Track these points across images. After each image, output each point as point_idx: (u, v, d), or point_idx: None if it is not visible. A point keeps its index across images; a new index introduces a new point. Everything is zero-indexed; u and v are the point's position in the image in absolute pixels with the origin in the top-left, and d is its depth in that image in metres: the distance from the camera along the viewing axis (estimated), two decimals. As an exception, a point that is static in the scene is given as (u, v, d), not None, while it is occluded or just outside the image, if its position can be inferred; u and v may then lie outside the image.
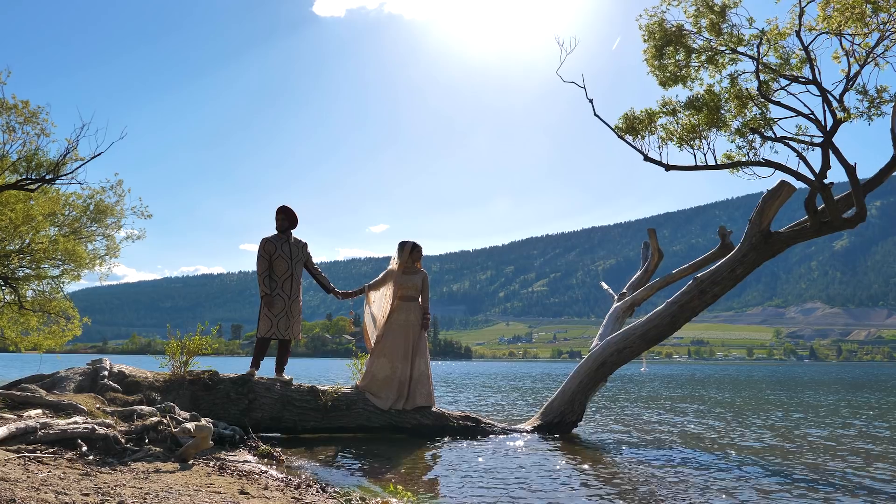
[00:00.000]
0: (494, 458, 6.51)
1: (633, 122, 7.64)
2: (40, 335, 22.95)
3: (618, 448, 7.53)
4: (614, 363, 8.50)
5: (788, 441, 8.52)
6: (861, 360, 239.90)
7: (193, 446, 4.77)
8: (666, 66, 8.19)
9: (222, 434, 6.24)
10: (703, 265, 9.56)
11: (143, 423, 5.52)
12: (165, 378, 7.16)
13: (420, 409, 7.84)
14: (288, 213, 7.96)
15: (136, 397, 6.53)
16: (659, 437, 8.60)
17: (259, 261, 7.73)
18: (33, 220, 20.21)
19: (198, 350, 7.24)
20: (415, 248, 8.21)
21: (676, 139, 7.61)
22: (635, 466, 6.31)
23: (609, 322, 9.70)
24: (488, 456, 6.61)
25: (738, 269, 8.04)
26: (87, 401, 5.74)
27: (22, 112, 19.70)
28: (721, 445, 7.97)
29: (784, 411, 13.48)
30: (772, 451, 7.53)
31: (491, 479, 5.47)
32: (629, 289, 10.20)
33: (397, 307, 8.13)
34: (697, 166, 7.42)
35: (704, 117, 7.43)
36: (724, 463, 6.63)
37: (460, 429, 7.89)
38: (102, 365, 6.81)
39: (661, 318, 8.33)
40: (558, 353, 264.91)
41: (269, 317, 7.67)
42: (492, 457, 6.56)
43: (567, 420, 8.47)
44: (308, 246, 8.06)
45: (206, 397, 7.17)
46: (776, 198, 7.87)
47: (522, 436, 8.05)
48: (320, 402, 7.52)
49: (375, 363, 8.01)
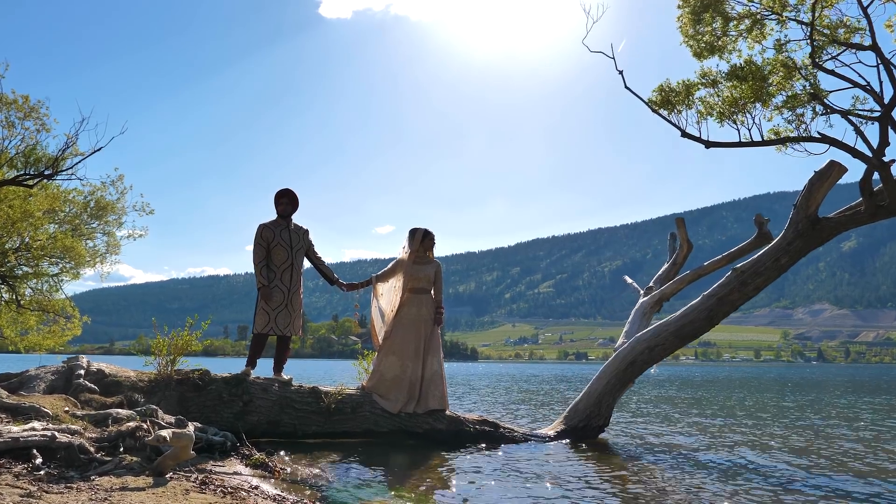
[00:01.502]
0: (519, 467, 5.77)
1: (668, 95, 6.90)
2: (40, 335, 22.35)
3: (652, 455, 6.78)
4: (644, 362, 7.75)
5: (838, 450, 7.76)
6: (869, 362, 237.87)
7: (171, 457, 4.05)
8: (701, 36, 7.46)
9: (212, 441, 5.52)
10: (738, 256, 8.79)
11: (119, 428, 4.81)
12: (150, 378, 6.44)
13: (433, 412, 7.10)
14: (291, 197, 7.21)
15: (115, 399, 5.82)
16: (692, 443, 7.85)
17: (256, 249, 7.00)
18: (31, 217, 19.61)
19: (186, 347, 6.52)
20: (426, 236, 7.48)
21: (716, 114, 6.85)
22: (677, 477, 5.55)
23: (635, 318, 8.95)
24: (511, 465, 5.87)
25: (783, 258, 7.29)
26: (55, 403, 5.02)
27: (22, 107, 19.05)
28: (760, 450, 7.21)
29: (821, 416, 12.69)
30: (821, 459, 6.77)
31: (517, 493, 4.73)
32: (656, 282, 9.46)
33: (407, 300, 7.40)
34: (741, 143, 6.67)
35: (749, 88, 6.67)
36: (772, 473, 5.87)
37: (477, 434, 7.15)
38: (78, 363, 6.09)
39: (696, 312, 7.58)
40: (564, 354, 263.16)
41: (267, 311, 6.94)
42: (515, 466, 5.82)
43: (593, 424, 7.72)
44: (310, 233, 7.34)
45: (196, 399, 6.45)
46: (825, 179, 7.12)
47: (545, 442, 7.31)
48: (323, 404, 6.80)
49: (383, 362, 7.28)
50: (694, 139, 6.81)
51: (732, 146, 6.71)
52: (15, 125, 19.09)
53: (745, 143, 6.67)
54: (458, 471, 5.63)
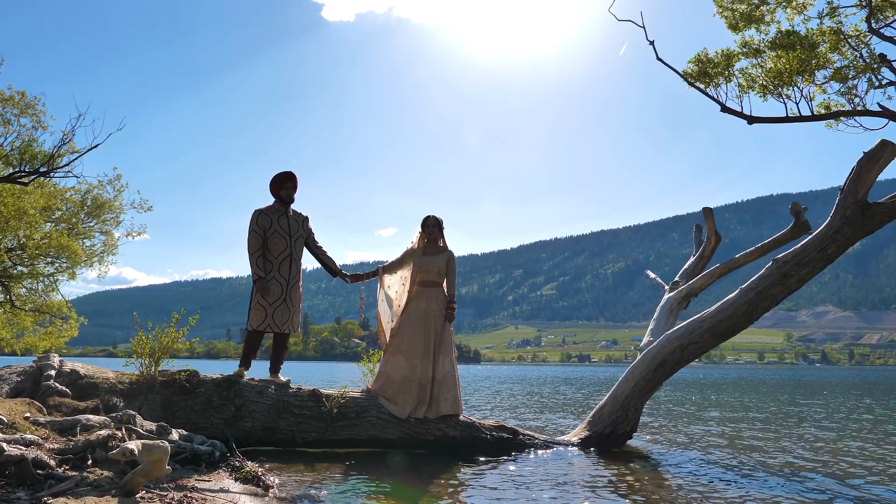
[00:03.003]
0: (543, 479, 5.11)
1: (706, 66, 6.23)
2: (36, 336, 21.73)
3: (691, 465, 6.10)
4: (676, 362, 7.08)
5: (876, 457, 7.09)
6: (874, 364, 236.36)
7: (142, 473, 3.39)
8: (737, 6, 6.81)
9: (197, 451, 4.87)
10: (773, 248, 8.12)
11: (88, 437, 4.15)
12: (132, 379, 5.78)
13: (445, 417, 6.42)
14: (295, 182, 6.54)
15: (90, 403, 5.17)
16: (728, 451, 7.17)
17: (251, 237, 6.31)
18: (26, 215, 18.99)
19: (172, 344, 5.86)
20: (437, 223, 6.82)
21: (759, 87, 6.19)
22: (722, 491, 4.89)
23: (661, 315, 8.28)
24: (535, 477, 5.20)
25: (830, 247, 6.60)
26: (14, 408, 4.37)
27: (18, 104, 18.45)
28: (805, 461, 6.55)
29: (853, 420, 12.01)
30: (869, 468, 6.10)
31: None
32: (683, 277, 8.79)
33: (416, 294, 6.75)
34: (788, 118, 6.00)
35: (795, 58, 6.00)
36: (823, 487, 5.21)
37: (494, 442, 6.47)
38: (49, 363, 5.44)
39: (734, 307, 6.90)
40: (567, 356, 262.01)
41: (263, 305, 6.27)
42: (540, 478, 5.15)
43: (620, 431, 7.04)
44: (309, 220, 6.68)
45: (183, 403, 5.79)
46: (876, 161, 6.45)
47: (569, 450, 6.64)
48: (324, 408, 6.13)
49: (390, 362, 6.61)
50: (735, 114, 6.14)
51: (778, 121, 6.05)
52: (11, 122, 18.51)
53: (792, 118, 6.00)
54: (477, 485, 4.96)
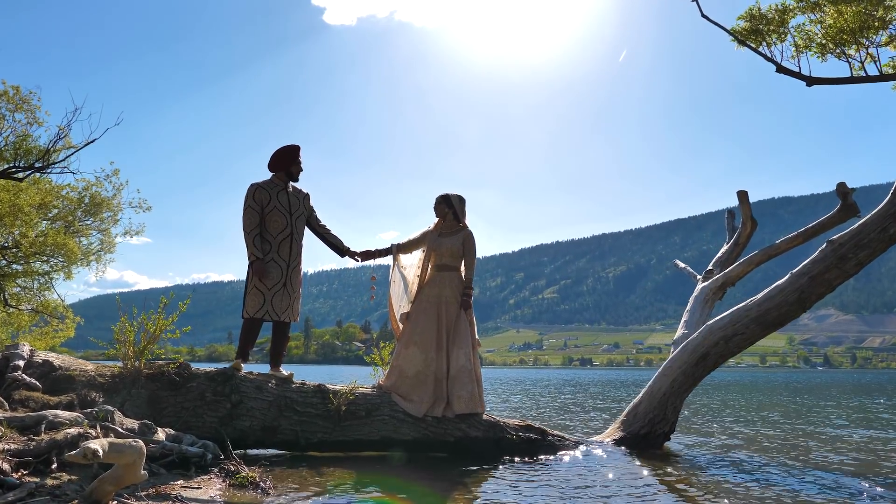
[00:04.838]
0: (580, 486, 4.44)
1: (757, 23, 5.57)
2: (31, 336, 21.07)
3: (738, 471, 5.44)
4: (720, 354, 6.41)
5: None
6: (876, 368, 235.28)
7: (111, 480, 2.73)
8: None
9: (186, 453, 4.21)
10: (818, 232, 7.44)
11: (54, 436, 3.50)
12: (114, 372, 5.12)
13: (466, 416, 5.75)
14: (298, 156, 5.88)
15: (63, 398, 4.51)
16: (778, 456, 6.50)
17: (247, 214, 5.61)
18: (20, 212, 18.39)
19: (159, 332, 5.20)
20: (445, 199, 6.14)
21: (816, 46, 5.53)
22: (783, 500, 4.22)
23: (696, 306, 7.63)
24: (569, 483, 4.53)
25: (892, 227, 5.94)
26: (-33, 402, 3.71)
27: (13, 99, 17.84)
28: (854, 465, 5.88)
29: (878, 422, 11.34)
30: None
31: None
32: (716, 266, 8.14)
33: (430, 278, 6.08)
34: (852, 78, 5.36)
35: (855, 14, 5.34)
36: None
37: (521, 443, 5.79)
38: (18, 352, 4.77)
39: (784, 294, 6.24)
40: (569, 360, 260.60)
41: (261, 290, 5.59)
42: (575, 484, 4.49)
43: (658, 431, 6.37)
44: (311, 198, 6.01)
45: (172, 399, 5.12)
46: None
47: (603, 452, 5.96)
48: (331, 406, 5.46)
49: (403, 354, 5.94)
50: (792, 74, 5.48)
51: (839, 82, 5.41)
52: (6, 117, 17.90)
53: (856, 78, 5.36)
54: (503, 492, 4.30)
